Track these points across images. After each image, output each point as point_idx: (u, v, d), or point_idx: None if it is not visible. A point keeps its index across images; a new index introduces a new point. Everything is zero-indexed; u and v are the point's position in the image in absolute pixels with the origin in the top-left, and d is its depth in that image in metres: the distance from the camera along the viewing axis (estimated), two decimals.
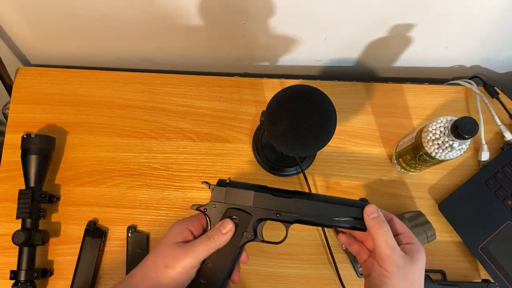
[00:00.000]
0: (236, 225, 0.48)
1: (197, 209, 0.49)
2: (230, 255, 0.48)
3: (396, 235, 0.47)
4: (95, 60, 0.79)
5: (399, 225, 0.48)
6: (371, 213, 0.47)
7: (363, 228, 0.47)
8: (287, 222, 0.49)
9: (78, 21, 0.69)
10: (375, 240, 0.45)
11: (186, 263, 0.44)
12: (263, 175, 0.72)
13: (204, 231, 0.49)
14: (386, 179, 0.73)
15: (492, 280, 0.66)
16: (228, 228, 0.47)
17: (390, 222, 0.47)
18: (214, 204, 0.49)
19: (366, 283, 0.48)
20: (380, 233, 0.45)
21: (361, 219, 0.47)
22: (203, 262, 0.47)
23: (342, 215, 0.48)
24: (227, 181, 0.50)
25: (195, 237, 0.47)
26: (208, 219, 0.48)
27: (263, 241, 0.50)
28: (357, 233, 0.52)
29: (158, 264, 0.45)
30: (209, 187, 0.50)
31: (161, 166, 0.72)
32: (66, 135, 0.73)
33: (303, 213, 0.48)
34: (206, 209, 0.49)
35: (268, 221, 0.50)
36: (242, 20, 0.67)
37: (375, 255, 0.46)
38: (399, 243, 0.46)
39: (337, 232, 0.67)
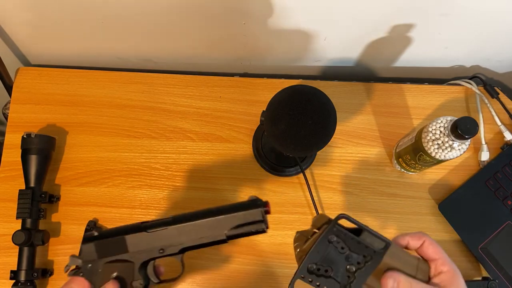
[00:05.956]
0: (121, 279, 0.43)
1: (73, 275, 0.43)
2: None
3: (430, 260, 0.41)
4: (95, 60, 0.79)
5: (432, 249, 0.41)
6: (390, 286, 0.38)
7: (263, 229, 0.44)
8: (176, 254, 0.44)
9: (78, 21, 0.69)
10: None
11: None
12: (263, 175, 0.72)
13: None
14: (386, 179, 0.73)
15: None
16: None
17: (422, 245, 0.41)
18: (89, 264, 0.43)
19: None
20: None
21: (258, 222, 0.43)
22: None
23: (232, 225, 0.43)
24: (95, 233, 0.45)
25: None
26: (89, 282, 0.43)
27: (160, 282, 0.45)
28: None
29: None
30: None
31: (161, 166, 0.72)
32: (66, 135, 0.73)
33: (188, 239, 0.44)
34: (83, 272, 0.43)
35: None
36: (242, 20, 0.67)
37: None
38: (434, 272, 0.40)
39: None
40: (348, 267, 0.40)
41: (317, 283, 0.40)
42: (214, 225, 0.44)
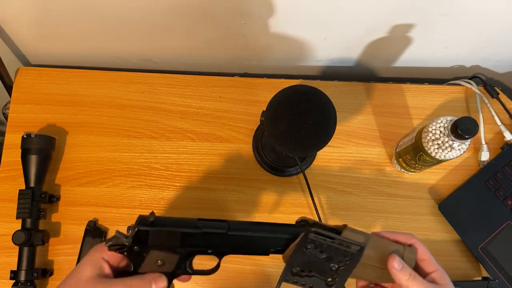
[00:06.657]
0: (166, 272, 0.43)
1: (116, 251, 0.43)
2: None
3: (418, 260, 0.44)
4: (95, 60, 0.79)
5: (421, 249, 0.44)
6: (396, 266, 0.42)
7: None
8: (218, 255, 0.45)
9: (78, 21, 0.69)
10: None
11: None
12: (263, 175, 0.72)
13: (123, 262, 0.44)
14: (386, 179, 0.73)
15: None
16: (160, 286, 0.42)
17: (411, 246, 0.45)
18: (135, 246, 0.43)
19: None
20: (413, 285, 0.42)
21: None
22: None
23: (277, 246, 0.44)
24: (151, 219, 0.43)
25: (112, 267, 0.43)
26: (130, 262, 0.43)
27: (193, 273, 0.46)
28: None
29: None
30: (127, 231, 0.43)
31: (161, 166, 0.72)
32: (66, 135, 0.73)
33: (235, 246, 0.45)
34: (129, 252, 0.43)
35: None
36: (242, 20, 0.67)
37: None
38: (424, 272, 0.44)
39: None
40: (331, 264, 0.42)
41: (303, 283, 0.42)
42: (263, 242, 0.45)
